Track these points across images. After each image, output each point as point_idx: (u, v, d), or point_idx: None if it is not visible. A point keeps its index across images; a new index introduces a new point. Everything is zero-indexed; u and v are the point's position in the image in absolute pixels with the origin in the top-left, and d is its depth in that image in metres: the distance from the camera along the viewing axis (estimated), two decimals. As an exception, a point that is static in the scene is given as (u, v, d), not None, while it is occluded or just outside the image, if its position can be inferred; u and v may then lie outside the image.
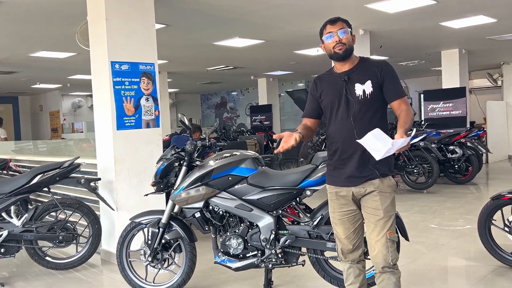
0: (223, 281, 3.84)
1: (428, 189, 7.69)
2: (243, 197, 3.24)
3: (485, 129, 9.83)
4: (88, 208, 4.36)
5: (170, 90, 15.43)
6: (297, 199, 3.24)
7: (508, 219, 3.85)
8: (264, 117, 15.08)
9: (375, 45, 8.52)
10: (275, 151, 2.44)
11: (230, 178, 3.25)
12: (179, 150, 3.45)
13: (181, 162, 3.43)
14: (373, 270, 3.15)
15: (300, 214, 3.29)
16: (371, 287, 3.04)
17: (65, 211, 4.27)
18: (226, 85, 16.97)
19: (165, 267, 3.53)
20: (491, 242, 3.91)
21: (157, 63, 4.75)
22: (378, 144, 2.19)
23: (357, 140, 2.31)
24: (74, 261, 4.30)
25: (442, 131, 8.88)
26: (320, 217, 3.17)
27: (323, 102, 2.62)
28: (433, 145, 7.76)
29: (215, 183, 3.26)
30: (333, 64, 2.67)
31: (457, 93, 10.44)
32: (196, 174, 3.29)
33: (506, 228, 3.85)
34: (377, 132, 2.22)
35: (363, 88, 2.50)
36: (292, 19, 6.74)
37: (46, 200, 4.85)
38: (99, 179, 4.53)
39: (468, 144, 8.04)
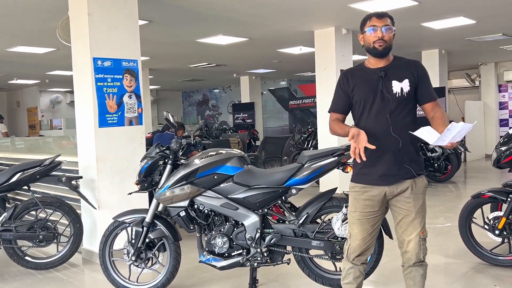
0: (208, 280, 3.82)
1: (409, 187, 7.77)
2: (228, 196, 3.23)
3: (463, 129, 10.00)
4: (69, 206, 4.29)
5: (151, 87, 15.27)
6: (283, 197, 3.24)
7: (488, 217, 3.93)
8: (246, 115, 15.06)
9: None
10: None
11: (215, 177, 3.23)
12: (163, 148, 3.42)
13: (166, 160, 3.40)
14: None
15: (285, 212, 3.29)
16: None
17: (46, 209, 4.19)
18: (208, 83, 16.88)
19: (149, 267, 3.49)
20: (471, 240, 3.99)
21: (140, 60, 4.69)
22: (430, 135, 2.25)
23: (409, 132, 2.34)
24: (54, 261, 4.23)
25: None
26: (305, 215, 3.18)
27: (355, 97, 2.55)
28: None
29: (200, 181, 3.24)
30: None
31: (437, 93, 10.33)
32: (181, 173, 3.26)
33: (486, 226, 3.93)
34: (431, 129, 2.29)
35: (401, 86, 2.48)
36: (275, 17, 6.74)
37: (25, 199, 4.75)
38: (81, 177, 4.45)
39: (448, 143, 8.17)
